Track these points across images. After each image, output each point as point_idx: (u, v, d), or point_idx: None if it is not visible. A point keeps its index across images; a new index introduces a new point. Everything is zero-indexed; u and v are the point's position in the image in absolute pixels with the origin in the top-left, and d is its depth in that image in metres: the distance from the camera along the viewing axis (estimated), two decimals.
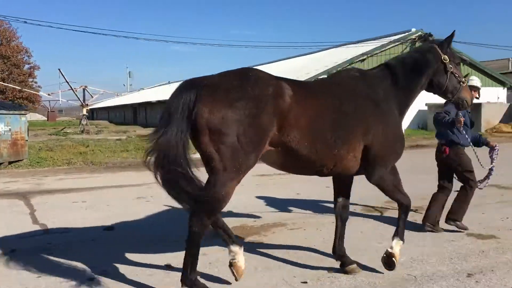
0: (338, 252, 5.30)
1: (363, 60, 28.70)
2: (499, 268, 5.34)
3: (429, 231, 6.81)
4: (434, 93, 5.46)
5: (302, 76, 27.87)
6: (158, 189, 4.34)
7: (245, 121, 4.07)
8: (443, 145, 6.89)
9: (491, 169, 7.13)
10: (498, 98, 32.69)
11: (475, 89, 6.96)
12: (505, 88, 33.29)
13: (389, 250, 5.07)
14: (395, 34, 31.62)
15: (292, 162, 4.56)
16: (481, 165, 6.83)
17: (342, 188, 5.31)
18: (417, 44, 29.67)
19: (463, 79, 5.38)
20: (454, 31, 5.34)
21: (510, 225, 7.27)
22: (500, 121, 27.84)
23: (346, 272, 5.12)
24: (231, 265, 4.72)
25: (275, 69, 33.52)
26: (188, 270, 4.29)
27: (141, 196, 10.09)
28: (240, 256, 4.74)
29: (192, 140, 4.15)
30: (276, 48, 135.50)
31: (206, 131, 4.02)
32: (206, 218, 4.17)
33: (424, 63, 5.21)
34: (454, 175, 6.99)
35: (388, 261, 5.07)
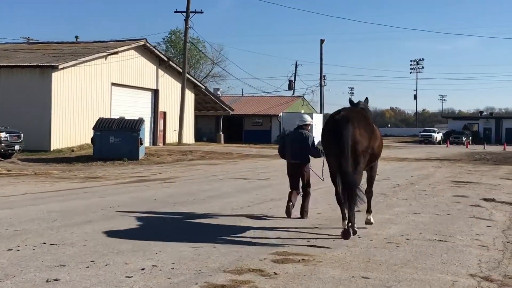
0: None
1: None
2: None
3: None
4: None
5: None
6: None
7: (369, 138, 8.13)
8: (302, 163, 9.47)
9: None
10: None
11: (308, 125, 9.67)
12: None
13: (367, 218, 8.92)
14: None
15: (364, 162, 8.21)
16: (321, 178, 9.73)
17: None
18: None
19: None
20: (367, 98, 9.34)
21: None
22: None
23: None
24: (346, 229, 7.74)
25: None
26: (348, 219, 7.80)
27: None
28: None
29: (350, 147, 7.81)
30: None
31: (357, 144, 7.83)
32: (355, 187, 7.70)
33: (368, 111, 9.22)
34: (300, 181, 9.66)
35: (369, 223, 8.87)
